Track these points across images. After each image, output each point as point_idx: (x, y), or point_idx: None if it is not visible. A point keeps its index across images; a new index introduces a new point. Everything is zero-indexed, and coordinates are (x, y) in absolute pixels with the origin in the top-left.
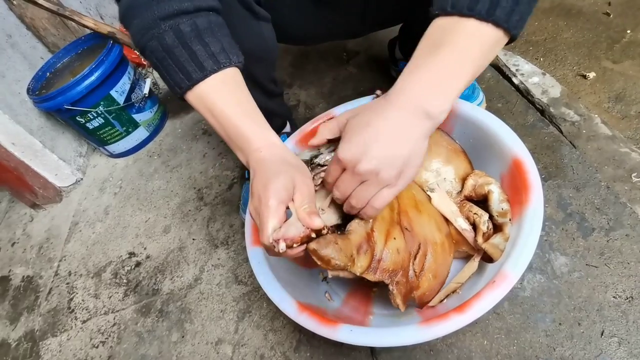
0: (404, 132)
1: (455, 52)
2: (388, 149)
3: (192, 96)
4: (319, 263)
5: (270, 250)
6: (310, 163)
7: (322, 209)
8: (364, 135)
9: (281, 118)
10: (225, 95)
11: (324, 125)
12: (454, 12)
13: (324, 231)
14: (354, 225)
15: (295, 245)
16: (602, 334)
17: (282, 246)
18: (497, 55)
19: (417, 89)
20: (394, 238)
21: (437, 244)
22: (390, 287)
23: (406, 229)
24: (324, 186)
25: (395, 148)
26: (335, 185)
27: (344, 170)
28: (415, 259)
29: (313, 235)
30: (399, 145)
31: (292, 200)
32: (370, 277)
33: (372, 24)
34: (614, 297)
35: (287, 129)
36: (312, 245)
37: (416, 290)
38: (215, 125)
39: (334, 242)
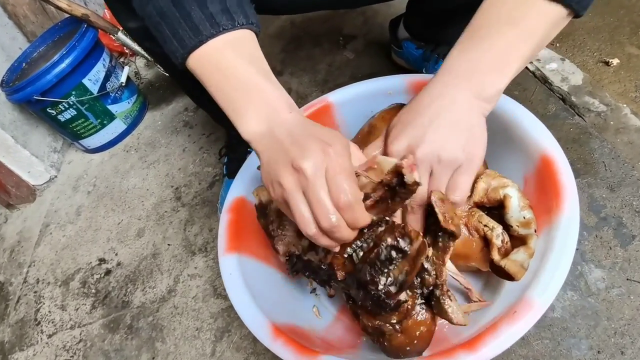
0: (455, 108)
1: (517, 29)
2: (445, 128)
3: (196, 56)
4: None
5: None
6: None
7: None
8: (412, 118)
9: None
10: (240, 55)
11: (369, 147)
12: None
13: None
14: None
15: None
16: None
17: (416, 175)
18: None
19: (471, 66)
20: None
21: None
22: None
23: None
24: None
25: (451, 123)
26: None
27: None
28: None
29: None
30: (455, 119)
31: None
32: None
33: None
34: None
35: None
36: None
37: None
38: (222, 88)
39: None
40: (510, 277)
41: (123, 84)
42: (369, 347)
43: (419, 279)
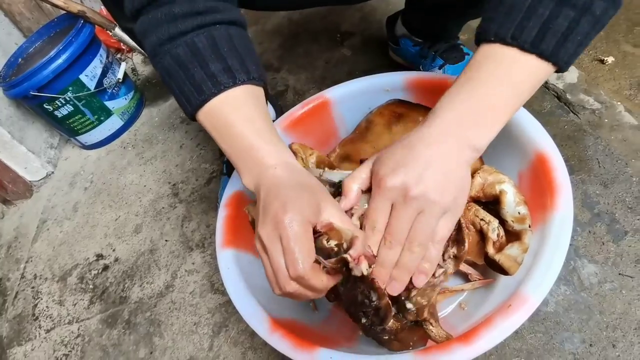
0: (449, 157)
1: (507, 85)
2: (439, 171)
3: (202, 112)
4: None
5: (304, 288)
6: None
7: None
8: (408, 159)
9: None
10: (240, 112)
11: (349, 179)
12: (497, 41)
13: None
14: None
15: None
16: None
17: (364, 266)
18: None
19: (459, 118)
20: None
21: None
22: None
23: None
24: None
25: (446, 171)
26: (388, 227)
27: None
28: None
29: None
30: (449, 168)
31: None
32: None
33: None
34: None
35: (272, 115)
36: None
37: None
38: (224, 144)
39: None
40: (504, 272)
41: (120, 80)
42: (365, 340)
43: (401, 314)
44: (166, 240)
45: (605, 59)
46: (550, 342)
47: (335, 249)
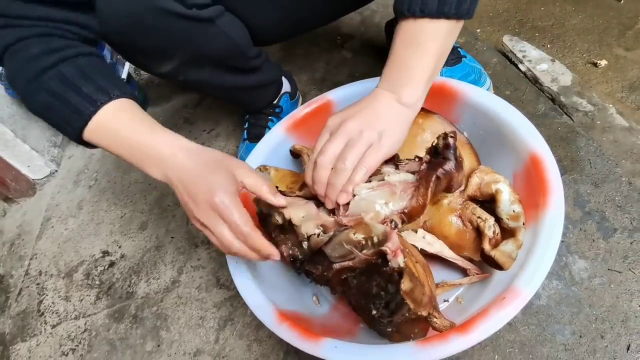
0: (384, 109)
1: (416, 49)
2: (371, 116)
3: (89, 131)
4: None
5: (249, 250)
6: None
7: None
8: (350, 109)
9: (273, 83)
10: (123, 119)
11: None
12: (409, 15)
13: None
14: None
15: None
16: (628, 349)
17: (401, 259)
18: (502, 42)
19: (391, 82)
20: None
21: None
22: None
23: None
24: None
25: (377, 117)
26: (323, 148)
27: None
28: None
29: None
30: (380, 116)
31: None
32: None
33: None
34: None
35: (286, 88)
36: None
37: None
38: (121, 149)
39: None
40: (499, 267)
41: (124, 81)
42: (366, 333)
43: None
44: (172, 237)
45: (599, 62)
46: (543, 334)
47: (363, 241)
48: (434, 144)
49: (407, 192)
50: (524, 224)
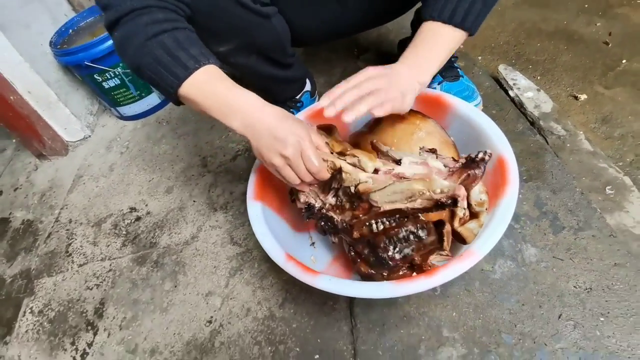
0: (404, 80)
1: (431, 46)
2: (396, 81)
3: (187, 85)
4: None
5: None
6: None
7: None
8: (376, 69)
9: (299, 81)
10: (217, 79)
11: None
12: (429, 18)
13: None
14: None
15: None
16: (559, 317)
17: (465, 203)
18: (497, 69)
19: (409, 63)
20: None
21: None
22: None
23: None
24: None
25: (400, 83)
26: (357, 82)
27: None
28: None
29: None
30: (402, 83)
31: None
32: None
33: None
34: (574, 287)
35: (307, 87)
36: None
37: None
38: (210, 102)
39: None
40: (463, 241)
41: None
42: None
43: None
44: (194, 201)
45: (579, 95)
46: (494, 300)
47: (425, 192)
48: (472, 155)
49: (440, 176)
50: (486, 209)
